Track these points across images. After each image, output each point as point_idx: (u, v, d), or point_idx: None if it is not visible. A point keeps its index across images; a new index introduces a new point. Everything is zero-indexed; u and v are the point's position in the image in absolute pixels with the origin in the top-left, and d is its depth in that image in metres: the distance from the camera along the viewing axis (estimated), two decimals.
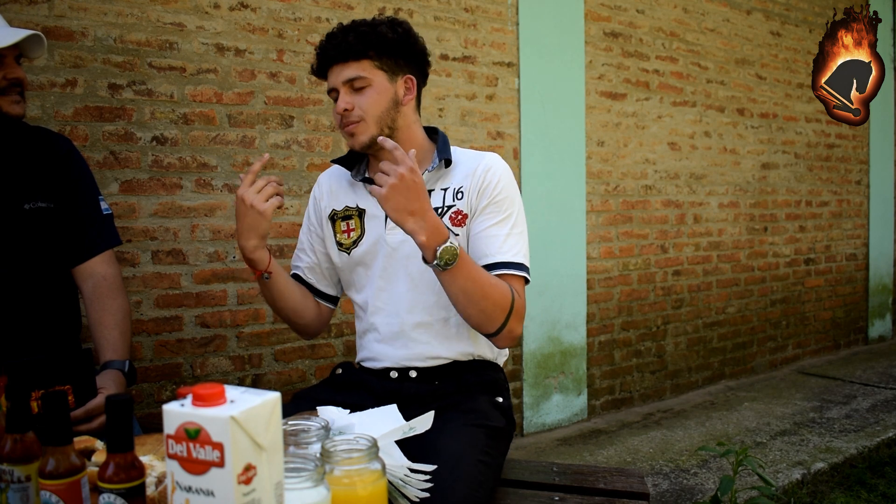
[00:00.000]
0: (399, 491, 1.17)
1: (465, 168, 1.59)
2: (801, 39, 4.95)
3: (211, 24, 2.63)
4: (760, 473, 2.34)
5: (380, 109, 1.54)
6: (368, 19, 1.57)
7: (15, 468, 0.91)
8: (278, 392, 0.81)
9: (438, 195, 1.58)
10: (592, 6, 3.75)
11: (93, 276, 1.75)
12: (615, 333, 3.93)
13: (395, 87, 1.56)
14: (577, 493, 1.59)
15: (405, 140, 1.58)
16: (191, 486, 0.76)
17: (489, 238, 1.53)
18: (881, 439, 3.36)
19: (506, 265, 1.51)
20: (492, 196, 1.55)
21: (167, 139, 2.56)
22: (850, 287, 5.47)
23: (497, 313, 1.46)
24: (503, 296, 1.46)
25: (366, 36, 1.51)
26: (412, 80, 1.59)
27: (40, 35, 1.66)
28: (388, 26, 1.54)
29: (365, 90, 1.53)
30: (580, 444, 3.36)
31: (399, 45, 1.55)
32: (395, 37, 1.54)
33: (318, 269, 1.74)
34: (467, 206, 1.56)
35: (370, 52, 1.52)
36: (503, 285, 1.48)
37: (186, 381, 2.61)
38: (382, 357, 1.60)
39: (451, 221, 1.56)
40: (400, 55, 1.56)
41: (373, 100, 1.53)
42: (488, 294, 1.44)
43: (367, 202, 1.64)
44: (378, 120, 1.54)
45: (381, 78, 1.54)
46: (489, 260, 1.51)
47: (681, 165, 4.22)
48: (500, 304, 1.45)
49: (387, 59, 1.54)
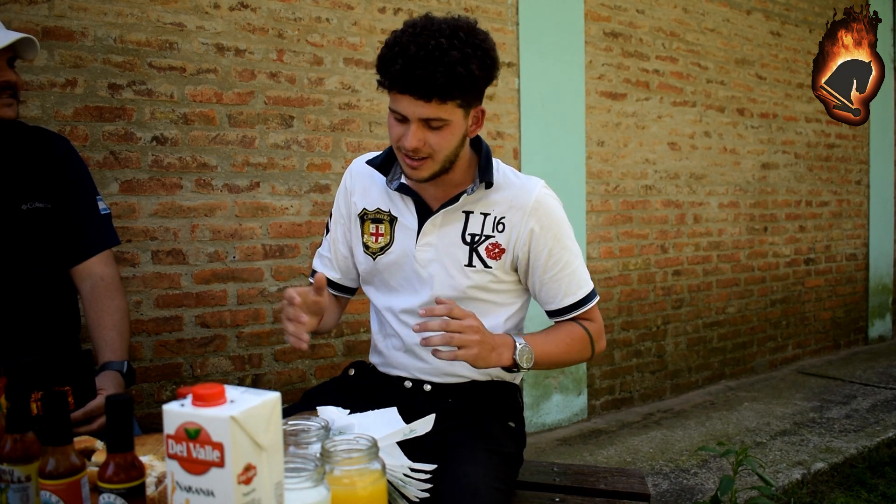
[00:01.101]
0: (399, 491, 1.17)
1: (508, 195, 1.50)
2: (801, 39, 4.95)
3: (211, 24, 2.63)
4: (760, 473, 2.34)
5: (451, 148, 1.42)
6: (456, 42, 1.32)
7: (15, 468, 0.91)
8: (278, 392, 0.81)
9: (477, 220, 1.51)
10: (592, 6, 3.75)
11: (91, 276, 1.75)
12: (615, 333, 3.93)
13: (468, 121, 1.44)
14: (577, 493, 1.59)
15: (456, 167, 1.49)
16: (191, 486, 0.76)
17: (562, 282, 1.54)
18: (881, 439, 3.36)
19: (582, 302, 1.56)
20: (552, 243, 1.51)
21: (167, 139, 2.56)
22: (850, 287, 5.47)
23: (584, 357, 1.59)
24: (582, 343, 1.55)
25: (458, 78, 1.33)
26: (482, 111, 1.47)
27: (32, 38, 1.65)
28: (479, 59, 1.35)
29: (441, 130, 1.39)
30: (580, 444, 3.36)
31: (485, 82, 1.41)
32: (484, 74, 1.38)
33: (349, 261, 1.67)
34: (507, 242, 1.50)
35: (456, 93, 1.35)
36: (578, 334, 1.55)
37: (186, 381, 2.61)
38: (399, 366, 1.58)
39: (488, 253, 1.50)
40: (481, 91, 1.42)
41: (447, 140, 1.41)
42: (571, 354, 1.55)
43: (399, 209, 1.56)
44: (446, 159, 1.43)
45: (458, 116, 1.40)
46: (563, 304, 1.55)
47: (681, 165, 4.22)
48: (583, 351, 1.57)
49: (469, 97, 1.40)
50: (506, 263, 1.52)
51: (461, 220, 1.51)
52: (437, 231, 1.52)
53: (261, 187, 2.75)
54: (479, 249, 1.50)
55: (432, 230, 1.52)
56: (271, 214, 2.79)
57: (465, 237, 1.50)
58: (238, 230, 2.71)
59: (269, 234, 2.78)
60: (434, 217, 1.51)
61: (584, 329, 1.56)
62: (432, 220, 1.51)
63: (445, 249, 1.51)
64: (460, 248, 1.50)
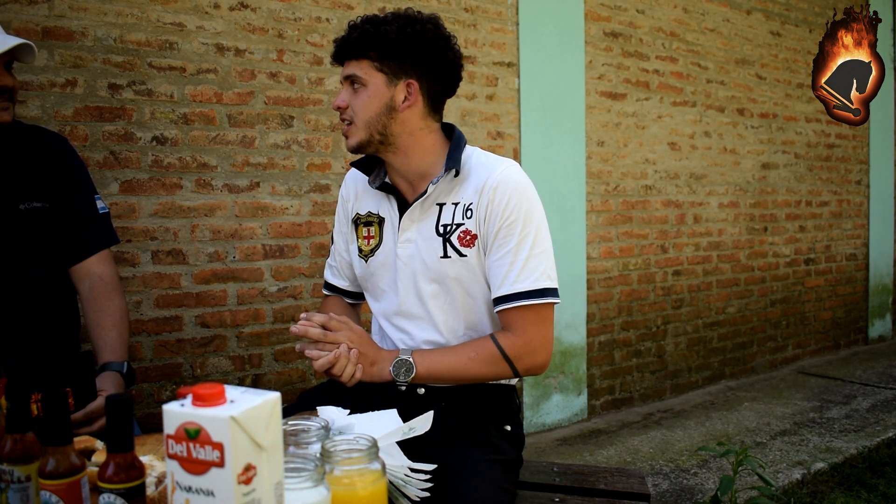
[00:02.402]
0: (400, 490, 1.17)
1: (475, 181, 1.48)
2: (801, 39, 4.95)
3: (211, 24, 2.63)
4: (760, 473, 2.34)
5: (369, 114, 1.46)
6: (388, 15, 1.46)
7: (15, 468, 0.91)
8: (278, 392, 0.81)
9: (449, 210, 1.50)
10: (592, 6, 3.75)
11: (90, 275, 1.74)
12: (615, 333, 3.93)
13: (394, 91, 1.45)
14: (577, 493, 1.59)
15: (407, 148, 1.50)
16: (191, 486, 0.76)
17: (503, 267, 1.45)
18: (881, 439, 3.36)
19: (522, 296, 1.43)
20: (503, 220, 1.44)
21: (167, 139, 2.56)
22: (850, 287, 5.47)
23: (498, 371, 1.46)
24: (486, 357, 1.45)
25: (367, 34, 1.43)
26: (413, 84, 1.46)
27: (30, 43, 1.64)
28: (396, 25, 1.43)
29: (360, 91, 1.46)
30: (580, 444, 3.36)
31: (404, 47, 1.43)
32: (399, 38, 1.42)
33: (350, 269, 1.70)
34: (475, 226, 1.47)
35: (371, 53, 1.43)
36: (483, 347, 1.45)
37: (186, 381, 2.61)
38: None
39: (460, 241, 1.48)
40: (406, 58, 1.44)
41: (363, 102, 1.45)
42: (471, 368, 1.45)
43: (385, 210, 1.58)
44: (367, 124, 1.46)
45: (378, 80, 1.45)
46: (503, 291, 1.44)
47: (681, 165, 4.22)
48: (489, 367, 1.45)
49: (389, 62, 1.44)
50: (480, 249, 1.49)
51: (435, 213, 1.51)
52: (416, 226, 1.52)
53: (261, 187, 2.75)
54: (451, 239, 1.49)
55: (410, 225, 1.52)
56: (271, 214, 2.79)
57: (438, 229, 1.50)
58: (238, 230, 2.71)
59: (269, 234, 2.78)
60: (410, 212, 1.51)
61: (495, 345, 1.44)
62: (409, 215, 1.52)
63: (423, 244, 1.51)
64: (435, 241, 1.50)
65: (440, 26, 1.49)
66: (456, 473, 1.33)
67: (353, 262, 1.65)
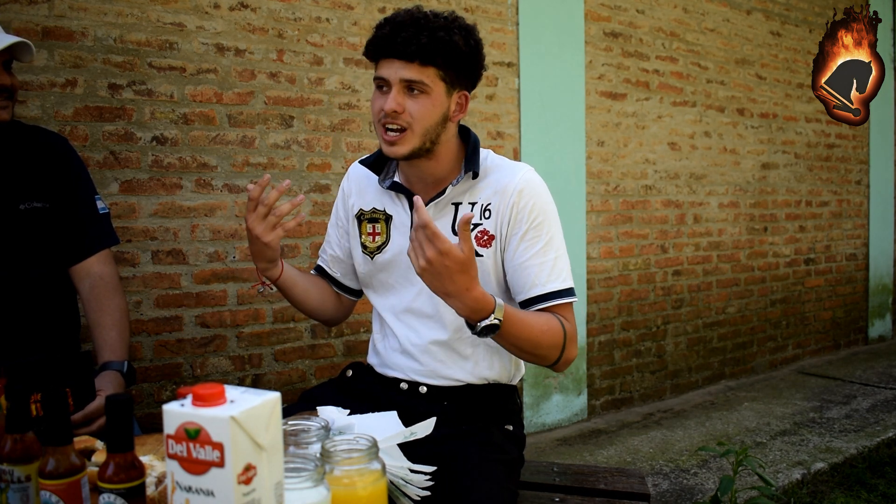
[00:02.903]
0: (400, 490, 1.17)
1: (495, 182, 1.50)
2: (801, 39, 4.95)
3: (211, 24, 2.63)
4: (760, 473, 2.34)
5: (430, 122, 1.42)
6: (443, 17, 1.42)
7: (15, 468, 0.91)
8: (278, 392, 0.81)
9: (466, 210, 1.51)
10: (592, 6, 3.75)
11: (90, 275, 1.75)
12: (615, 333, 3.93)
13: (451, 101, 1.45)
14: (577, 493, 1.59)
15: (441, 155, 1.50)
16: (191, 486, 0.76)
17: (534, 268, 1.46)
18: (881, 439, 3.36)
19: (555, 295, 1.46)
20: (530, 222, 1.46)
21: (167, 139, 2.56)
22: (850, 287, 5.47)
23: (551, 353, 1.43)
24: (554, 336, 1.42)
25: (440, 42, 1.38)
26: (466, 97, 1.48)
27: (28, 43, 1.64)
28: (463, 35, 1.42)
29: (420, 97, 1.41)
30: (580, 444, 3.36)
31: (468, 60, 1.44)
32: (467, 50, 1.42)
33: (344, 263, 1.70)
34: (495, 227, 1.48)
35: (438, 60, 1.40)
36: (553, 325, 1.42)
37: (186, 381, 2.61)
38: (395, 367, 1.57)
39: (477, 241, 1.48)
40: (465, 70, 1.45)
41: (427, 110, 1.41)
42: (540, 343, 1.41)
43: (394, 209, 1.58)
44: (425, 133, 1.43)
45: (440, 89, 1.42)
46: (537, 291, 1.45)
47: (681, 165, 4.22)
48: (553, 345, 1.42)
49: (451, 72, 1.42)
50: (497, 250, 1.50)
51: (451, 213, 1.52)
52: None
53: None
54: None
55: None
56: None
57: (454, 229, 1.50)
58: (238, 230, 2.71)
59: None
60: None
61: (560, 322, 1.44)
62: None
63: None
64: (451, 241, 1.50)
65: (476, 29, 1.50)
66: (458, 473, 1.33)
67: (356, 259, 1.65)
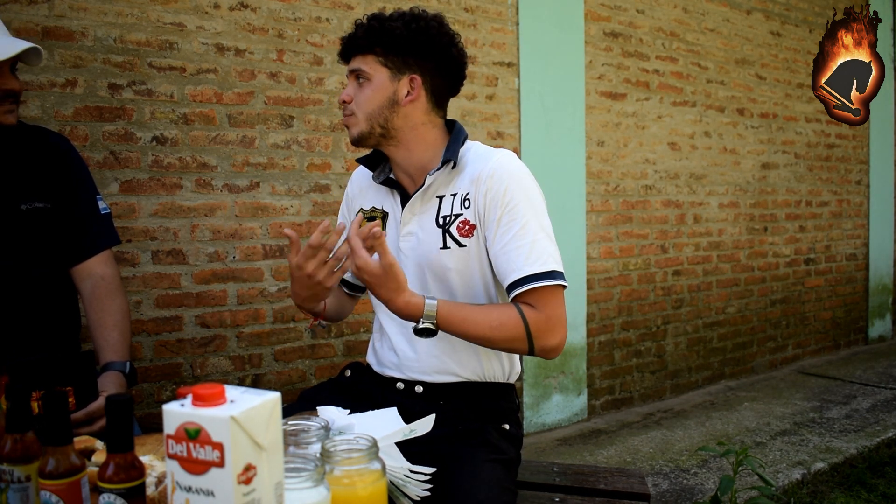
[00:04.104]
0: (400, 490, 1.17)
1: (471, 172, 1.50)
2: (801, 39, 4.95)
3: (211, 24, 2.63)
4: (760, 473, 2.34)
5: (371, 107, 1.49)
6: (394, 13, 1.51)
7: (15, 468, 0.91)
8: (278, 392, 0.81)
9: (448, 201, 1.51)
10: (592, 6, 3.75)
11: (91, 276, 1.75)
12: (615, 333, 3.93)
13: (397, 86, 1.50)
14: (577, 493, 1.59)
15: (409, 141, 1.53)
16: (191, 486, 0.76)
17: (511, 252, 1.43)
18: (881, 439, 3.36)
19: (532, 278, 1.41)
20: (503, 206, 1.44)
21: (167, 139, 2.56)
22: (850, 287, 5.47)
23: (514, 345, 1.42)
24: (510, 330, 1.40)
25: (373, 30, 1.48)
26: (416, 79, 1.50)
27: (38, 48, 1.64)
28: (402, 21, 1.48)
29: (364, 85, 1.50)
30: (580, 444, 3.36)
31: (409, 43, 1.48)
32: (404, 33, 1.48)
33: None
34: (474, 216, 1.48)
35: (376, 48, 1.48)
36: (507, 319, 1.40)
37: (186, 381, 2.61)
38: (391, 365, 1.57)
39: (459, 232, 1.49)
40: (409, 53, 1.49)
41: (367, 96, 1.49)
42: (492, 338, 1.41)
43: (389, 205, 1.59)
44: (368, 117, 1.50)
45: (382, 75, 1.49)
46: (514, 276, 1.42)
47: (681, 165, 4.22)
48: (511, 338, 1.41)
49: (393, 57, 1.49)
50: (479, 239, 1.49)
51: (435, 206, 1.52)
52: (417, 219, 1.53)
53: (261, 187, 2.75)
54: (450, 230, 1.49)
55: (411, 218, 1.54)
56: (271, 214, 2.79)
57: (438, 220, 1.51)
58: (238, 230, 2.71)
59: (269, 234, 2.78)
60: (410, 204, 1.53)
61: (519, 314, 1.40)
62: (409, 208, 1.53)
63: (424, 236, 1.52)
64: (435, 233, 1.51)
65: (444, 24, 1.55)
66: (457, 474, 1.33)
67: None
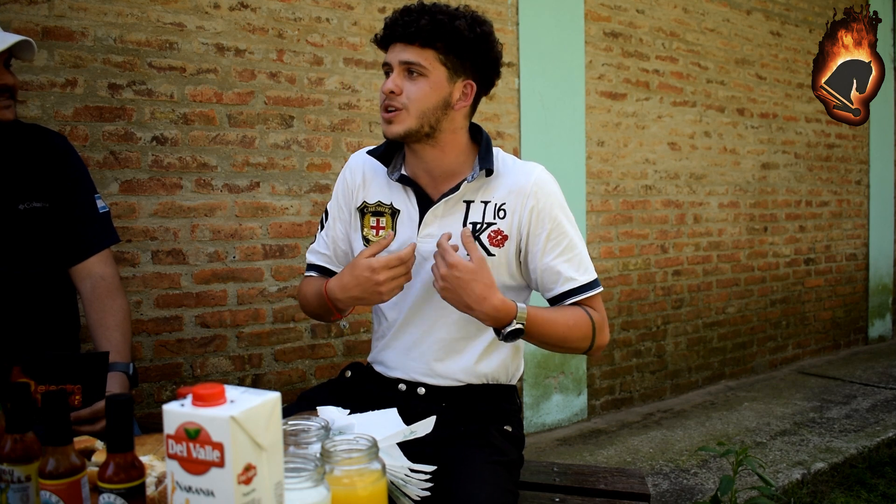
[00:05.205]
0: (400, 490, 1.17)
1: (509, 182, 1.50)
2: (801, 39, 4.95)
3: (211, 24, 2.63)
4: (760, 473, 2.34)
5: (427, 105, 1.43)
6: (451, 7, 1.45)
7: (15, 468, 0.91)
8: (278, 392, 0.81)
9: (478, 208, 1.50)
10: (592, 6, 3.75)
11: (91, 275, 1.74)
12: (615, 333, 3.93)
13: (453, 88, 1.45)
14: (577, 493, 1.59)
15: (446, 144, 1.50)
16: (191, 486, 0.76)
17: (562, 265, 1.49)
18: (881, 439, 3.36)
19: (584, 288, 1.50)
20: (551, 223, 1.49)
21: (167, 139, 2.56)
22: (850, 287, 5.47)
23: (581, 344, 1.49)
24: (582, 329, 1.47)
25: (441, 25, 1.40)
26: (472, 86, 1.48)
27: (29, 40, 1.64)
28: (468, 22, 1.43)
29: (419, 80, 1.43)
30: (580, 444, 3.36)
31: (472, 47, 1.44)
32: (471, 36, 1.43)
33: (347, 257, 1.64)
34: (510, 227, 1.49)
35: (438, 44, 1.41)
36: (580, 318, 1.47)
37: (186, 381, 2.61)
38: (394, 366, 1.56)
39: (490, 241, 1.48)
40: (469, 57, 1.45)
41: (424, 92, 1.43)
42: (568, 337, 1.47)
43: (400, 202, 1.55)
44: (421, 115, 1.43)
45: (440, 74, 1.43)
46: (564, 288, 1.50)
47: (681, 165, 4.22)
48: (582, 336, 1.48)
49: (453, 57, 1.44)
50: (510, 251, 1.50)
51: (462, 210, 1.50)
52: (439, 221, 1.50)
53: (261, 187, 2.75)
54: (481, 238, 1.48)
55: (433, 220, 1.50)
56: (271, 214, 2.79)
57: (465, 224, 1.49)
58: (238, 230, 2.71)
59: (269, 234, 2.78)
60: (435, 207, 1.50)
61: (587, 314, 1.49)
62: (433, 211, 1.50)
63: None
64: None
65: (494, 32, 1.52)
66: (458, 475, 1.32)
67: (356, 251, 1.60)
